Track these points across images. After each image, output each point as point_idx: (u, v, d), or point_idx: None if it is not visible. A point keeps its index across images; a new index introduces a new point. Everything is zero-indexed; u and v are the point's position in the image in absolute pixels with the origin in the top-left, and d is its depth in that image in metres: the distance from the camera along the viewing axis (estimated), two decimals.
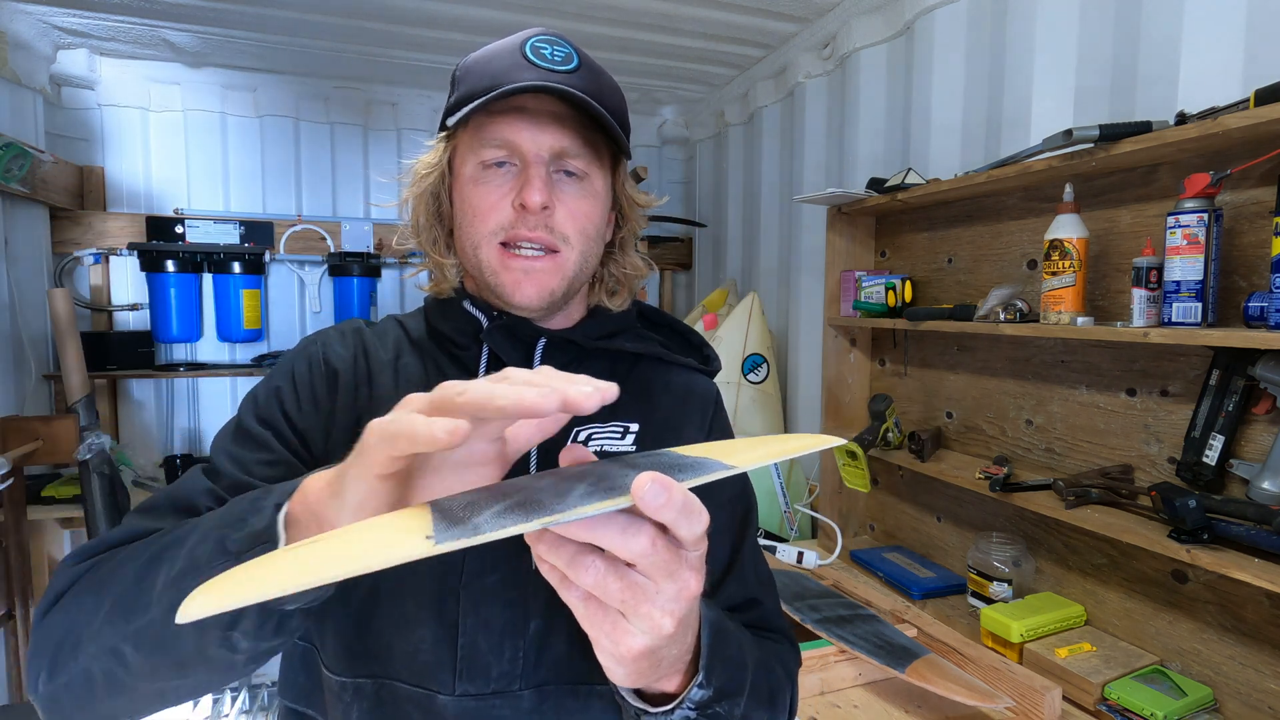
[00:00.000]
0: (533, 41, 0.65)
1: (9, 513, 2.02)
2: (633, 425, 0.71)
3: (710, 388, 0.80)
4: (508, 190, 0.65)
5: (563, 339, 0.71)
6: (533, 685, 0.63)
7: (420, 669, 0.62)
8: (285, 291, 2.81)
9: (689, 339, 0.82)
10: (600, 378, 0.70)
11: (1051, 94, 1.48)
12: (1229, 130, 1.00)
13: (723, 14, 2.09)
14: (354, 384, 0.69)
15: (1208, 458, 1.15)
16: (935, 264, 1.77)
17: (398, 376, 0.71)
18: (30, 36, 2.14)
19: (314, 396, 0.68)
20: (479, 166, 0.66)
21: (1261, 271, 1.10)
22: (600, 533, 0.35)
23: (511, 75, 0.63)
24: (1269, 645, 1.11)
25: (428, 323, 0.75)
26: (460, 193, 0.68)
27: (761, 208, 2.66)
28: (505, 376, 0.39)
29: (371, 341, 0.73)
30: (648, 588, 0.37)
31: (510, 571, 0.63)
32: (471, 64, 0.68)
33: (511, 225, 0.65)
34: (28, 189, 2.08)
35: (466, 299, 0.72)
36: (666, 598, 0.38)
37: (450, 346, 0.72)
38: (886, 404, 1.78)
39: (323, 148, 2.80)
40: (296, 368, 0.70)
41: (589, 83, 0.65)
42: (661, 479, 0.33)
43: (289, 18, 2.11)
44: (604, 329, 0.74)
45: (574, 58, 0.66)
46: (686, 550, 0.38)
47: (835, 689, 1.30)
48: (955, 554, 1.73)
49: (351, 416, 0.67)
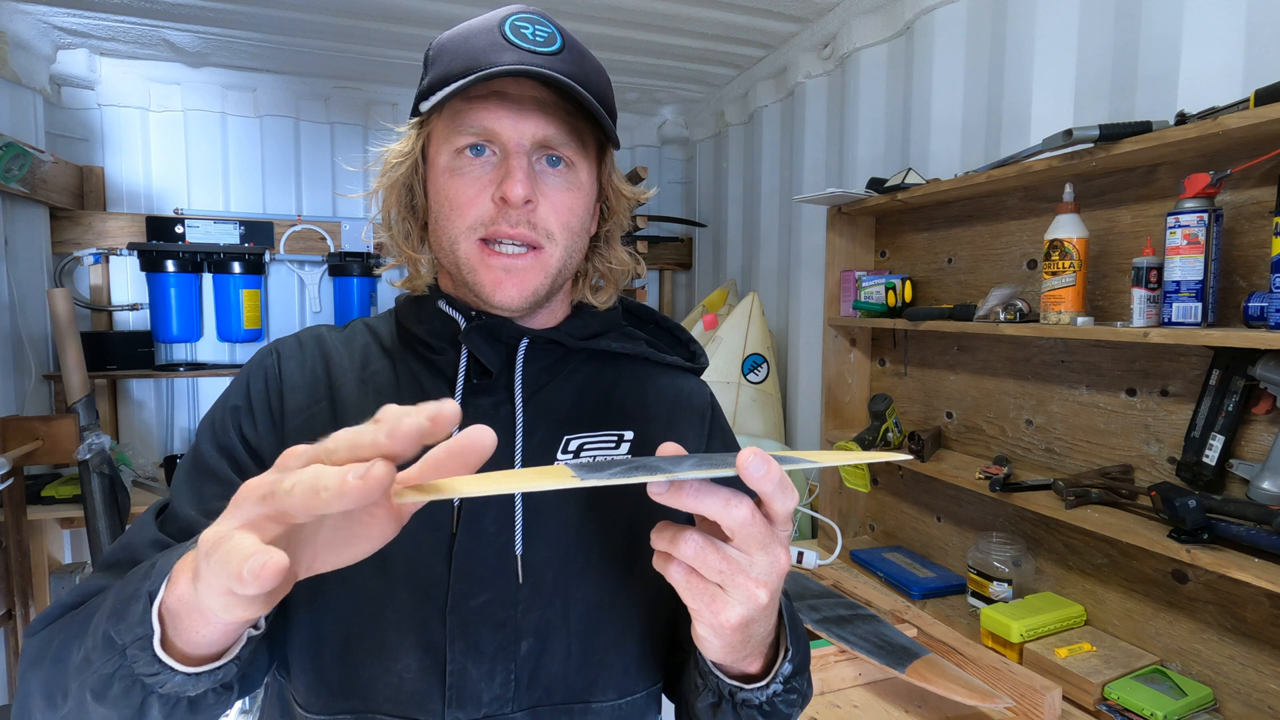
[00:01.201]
0: (512, 19, 0.61)
1: (9, 513, 2.02)
2: (627, 434, 0.69)
3: (703, 391, 0.77)
4: (487, 182, 0.61)
5: (546, 339, 0.67)
6: (526, 707, 0.60)
7: (406, 700, 0.59)
8: (285, 291, 2.81)
9: (676, 335, 0.79)
10: (586, 379, 0.71)
11: (1051, 94, 1.48)
12: (1229, 130, 1.00)
13: (723, 14, 2.09)
14: (312, 400, 0.65)
15: (1208, 458, 1.15)
16: (935, 264, 1.77)
17: (365, 386, 0.66)
18: (30, 36, 2.14)
19: (270, 415, 0.64)
20: (455, 155, 0.61)
21: (1261, 271, 1.10)
22: (706, 501, 0.39)
23: (490, 57, 0.58)
24: (1269, 645, 1.11)
25: (399, 325, 0.70)
26: (435, 184, 0.63)
27: (761, 208, 2.66)
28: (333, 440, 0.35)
29: (334, 350, 0.69)
30: (743, 560, 0.41)
31: (499, 591, 0.60)
32: (446, 43, 0.63)
33: (491, 220, 0.61)
34: (28, 189, 2.09)
35: (442, 298, 0.67)
36: (760, 570, 0.42)
37: (424, 350, 0.67)
38: (886, 404, 1.78)
39: (323, 148, 2.81)
40: (252, 384, 0.65)
41: (573, 66, 0.61)
42: (761, 454, 0.37)
43: (289, 18, 2.11)
44: (589, 328, 0.70)
45: (557, 38, 0.61)
46: (777, 526, 0.42)
47: (835, 689, 1.30)
48: (955, 554, 1.73)
49: (310, 436, 0.64)
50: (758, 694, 0.53)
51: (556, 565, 0.62)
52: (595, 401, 0.69)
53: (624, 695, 0.65)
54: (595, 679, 0.63)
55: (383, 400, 0.64)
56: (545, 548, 0.62)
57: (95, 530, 2.01)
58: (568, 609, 0.62)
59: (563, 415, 0.67)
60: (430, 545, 0.60)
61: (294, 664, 0.61)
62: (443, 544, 0.60)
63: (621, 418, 0.69)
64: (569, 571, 0.63)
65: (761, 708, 0.54)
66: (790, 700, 0.55)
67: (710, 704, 0.57)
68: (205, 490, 0.61)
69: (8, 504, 2.02)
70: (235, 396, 0.65)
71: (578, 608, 0.63)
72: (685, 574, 0.42)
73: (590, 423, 0.68)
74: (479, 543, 0.60)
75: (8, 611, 2.06)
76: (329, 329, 0.72)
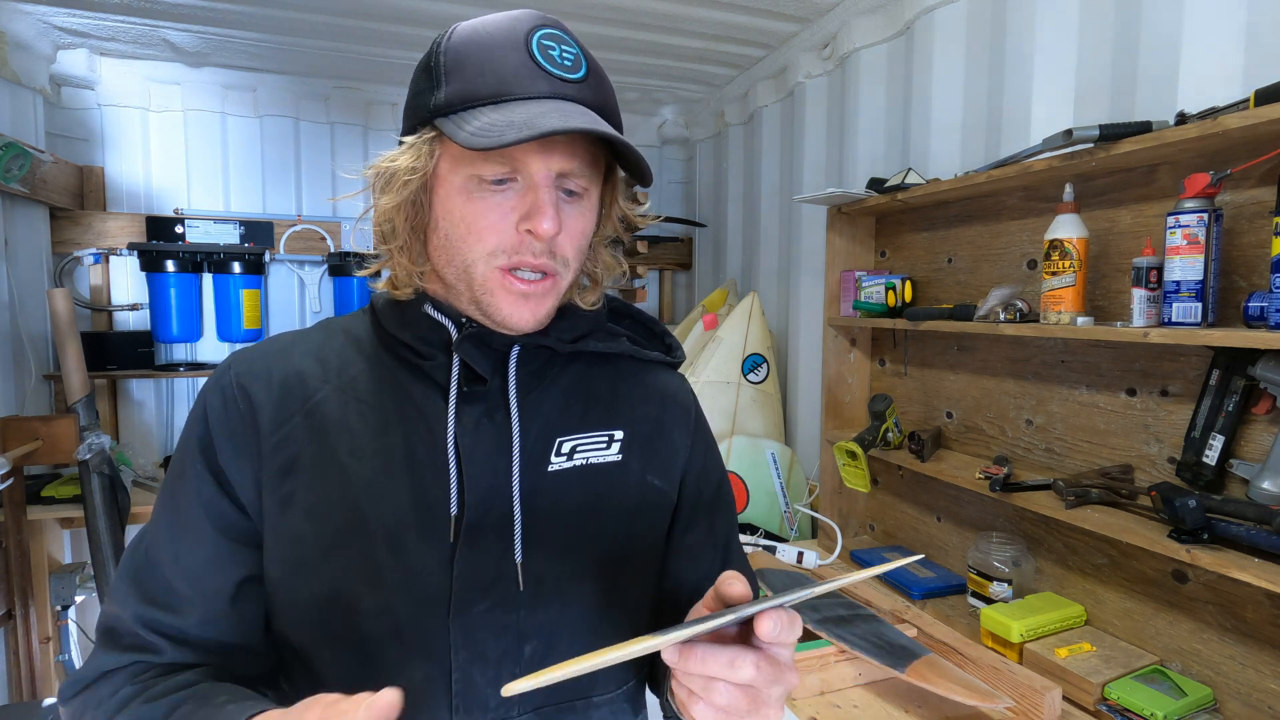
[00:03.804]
0: (539, 38, 0.59)
1: (9, 513, 2.02)
2: (617, 433, 0.69)
3: (686, 387, 0.79)
4: (509, 209, 0.59)
5: (536, 345, 0.66)
6: (532, 709, 0.62)
7: (413, 709, 0.58)
8: (285, 291, 2.81)
9: (651, 329, 0.79)
10: (573, 380, 0.72)
11: (1051, 94, 1.48)
12: (1229, 130, 1.00)
13: (723, 14, 2.09)
14: (286, 415, 0.63)
15: (1208, 458, 1.15)
16: (935, 264, 1.77)
17: (345, 394, 0.64)
18: (30, 36, 2.14)
19: (234, 440, 0.62)
20: (475, 180, 0.59)
21: (1261, 271, 1.10)
22: (712, 665, 0.44)
23: (524, 84, 0.57)
24: (1269, 645, 1.11)
25: (380, 329, 0.68)
26: (448, 203, 0.61)
27: (761, 208, 2.66)
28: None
29: (303, 360, 0.66)
30: (762, 695, 0.46)
31: (500, 597, 0.61)
32: (466, 51, 0.59)
33: (514, 250, 0.59)
34: (28, 189, 2.08)
35: (428, 302, 0.65)
36: (776, 696, 0.47)
37: (410, 355, 0.65)
38: (886, 404, 1.78)
39: (323, 148, 2.80)
40: (210, 408, 0.63)
41: (596, 92, 0.61)
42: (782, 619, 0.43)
43: (289, 18, 2.11)
44: (577, 330, 0.69)
45: (582, 62, 0.61)
46: (784, 657, 0.46)
47: (835, 689, 1.30)
48: (955, 554, 1.73)
49: (283, 457, 0.62)
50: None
51: (555, 569, 0.63)
52: (584, 402, 0.70)
53: (619, 686, 0.67)
54: (597, 675, 0.64)
55: (365, 409, 0.64)
56: (544, 553, 0.63)
57: (95, 530, 2.01)
58: (568, 610, 0.63)
59: (554, 418, 0.67)
60: (431, 558, 0.61)
61: (299, 683, 0.62)
62: (444, 555, 0.61)
63: (611, 417, 0.70)
64: (568, 574, 0.64)
65: None
66: None
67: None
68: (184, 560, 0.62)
69: (8, 504, 2.02)
70: (195, 425, 0.63)
71: (578, 608, 0.64)
72: (716, 713, 0.47)
73: (580, 424, 0.68)
74: (479, 552, 0.61)
75: (8, 611, 2.06)
76: (294, 335, 0.70)
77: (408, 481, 0.62)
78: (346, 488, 0.61)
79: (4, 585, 2.04)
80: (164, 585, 0.61)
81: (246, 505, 0.62)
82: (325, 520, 0.61)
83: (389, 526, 0.60)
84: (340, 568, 0.60)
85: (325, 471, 0.61)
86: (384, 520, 0.61)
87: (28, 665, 2.11)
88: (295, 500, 0.61)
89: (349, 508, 0.61)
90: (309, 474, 0.62)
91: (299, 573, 0.61)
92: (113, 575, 2.01)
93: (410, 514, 0.61)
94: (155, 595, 0.61)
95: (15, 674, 2.10)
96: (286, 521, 0.61)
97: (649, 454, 0.70)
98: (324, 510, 0.61)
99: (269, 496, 0.61)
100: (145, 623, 0.60)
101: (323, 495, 0.61)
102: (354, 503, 0.61)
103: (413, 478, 0.62)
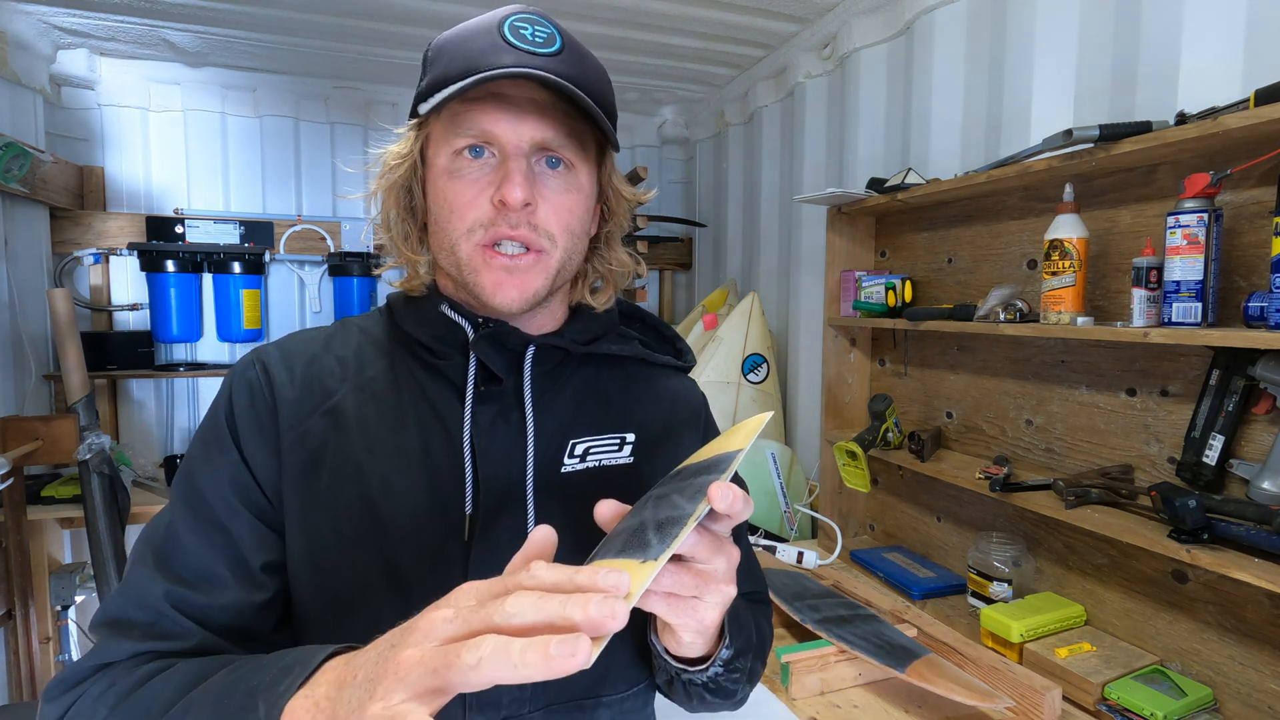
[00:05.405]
0: (512, 20, 0.60)
1: (9, 513, 2.02)
2: (628, 436, 0.70)
3: (696, 391, 0.79)
4: (485, 184, 0.60)
5: (550, 346, 0.67)
6: (542, 706, 0.62)
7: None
8: (285, 291, 2.81)
9: (661, 332, 0.80)
10: (585, 382, 0.72)
11: (1051, 94, 1.48)
12: (1229, 130, 1.00)
13: (723, 14, 2.09)
14: (302, 415, 0.63)
15: (1208, 458, 1.15)
16: (935, 264, 1.77)
17: (363, 394, 0.65)
18: (30, 36, 2.14)
19: (259, 430, 0.62)
20: (453, 157, 0.61)
21: (1261, 271, 1.10)
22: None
23: (489, 58, 0.58)
24: (1269, 645, 1.11)
25: (396, 327, 0.69)
26: (434, 186, 0.63)
27: (761, 208, 2.66)
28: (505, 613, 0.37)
29: (324, 359, 0.67)
30: (707, 569, 0.48)
31: None
32: (445, 43, 0.62)
33: (491, 222, 0.60)
34: (28, 189, 2.09)
35: (444, 302, 0.66)
36: (723, 570, 0.49)
37: (426, 355, 0.66)
38: (886, 404, 1.78)
39: (323, 148, 2.80)
40: (236, 396, 0.63)
41: (573, 67, 0.60)
42: (724, 486, 0.43)
43: (289, 18, 2.11)
44: (590, 331, 0.70)
45: (556, 39, 0.61)
46: (720, 534, 0.48)
47: (835, 689, 1.30)
48: (955, 554, 1.73)
49: (302, 453, 0.62)
50: (699, 675, 0.61)
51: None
52: (596, 405, 0.70)
53: (630, 687, 0.67)
54: (605, 674, 0.65)
55: (383, 408, 0.65)
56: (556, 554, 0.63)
57: (95, 530, 2.01)
58: None
59: (567, 419, 0.68)
60: (446, 555, 0.61)
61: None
62: (458, 552, 0.61)
63: (622, 420, 0.70)
64: None
65: (706, 685, 0.62)
66: (734, 679, 0.62)
67: (664, 681, 0.66)
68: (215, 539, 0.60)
69: (8, 504, 2.02)
70: (220, 414, 0.63)
71: None
72: (665, 600, 0.48)
73: (592, 426, 0.69)
74: (494, 550, 0.61)
75: (8, 611, 2.06)
76: (315, 332, 0.71)
77: (424, 480, 0.62)
78: (363, 486, 0.62)
79: (4, 585, 2.04)
80: (194, 564, 0.59)
81: (269, 493, 0.62)
82: (342, 518, 0.61)
83: (404, 525, 0.61)
84: (356, 565, 0.60)
85: (342, 469, 0.62)
86: (399, 518, 0.61)
87: (28, 665, 2.11)
88: (313, 497, 0.61)
89: (365, 506, 0.61)
90: (327, 471, 0.62)
91: (315, 569, 0.61)
92: (113, 575, 2.02)
93: (425, 512, 0.61)
94: (183, 575, 0.59)
95: (15, 674, 2.10)
96: (304, 518, 0.61)
97: (660, 457, 0.71)
98: (341, 508, 0.61)
99: (288, 491, 0.62)
100: (175, 602, 0.57)
101: (340, 493, 0.61)
102: (370, 501, 0.61)
103: (429, 476, 0.62)
